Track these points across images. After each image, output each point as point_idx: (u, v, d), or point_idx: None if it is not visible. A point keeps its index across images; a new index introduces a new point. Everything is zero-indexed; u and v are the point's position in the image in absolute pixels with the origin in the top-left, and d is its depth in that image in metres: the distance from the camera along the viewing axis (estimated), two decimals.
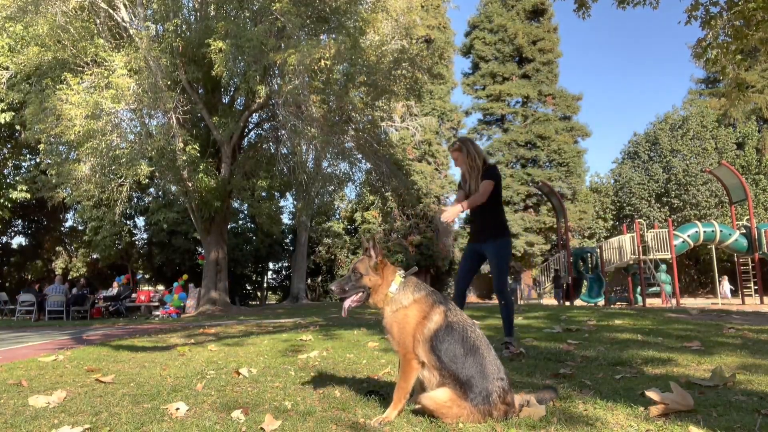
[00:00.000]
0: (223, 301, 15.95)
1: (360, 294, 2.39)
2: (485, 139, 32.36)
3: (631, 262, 18.53)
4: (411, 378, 2.24)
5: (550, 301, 22.61)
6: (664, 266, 18.05)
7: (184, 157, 13.57)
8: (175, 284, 16.95)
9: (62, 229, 27.54)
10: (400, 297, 2.34)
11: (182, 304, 15.83)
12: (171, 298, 15.97)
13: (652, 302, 17.52)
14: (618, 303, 18.42)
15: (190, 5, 15.08)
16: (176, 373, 3.49)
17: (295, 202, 23.95)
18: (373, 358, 4.00)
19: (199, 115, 15.41)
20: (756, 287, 18.17)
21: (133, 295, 17.10)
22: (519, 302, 20.75)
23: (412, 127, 21.01)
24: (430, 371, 2.21)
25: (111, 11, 13.57)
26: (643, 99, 75.23)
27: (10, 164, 21.33)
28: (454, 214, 3.75)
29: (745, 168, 29.09)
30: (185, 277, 18.33)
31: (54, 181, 14.75)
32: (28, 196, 19.84)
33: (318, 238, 29.86)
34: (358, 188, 20.35)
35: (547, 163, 30.60)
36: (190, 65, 14.09)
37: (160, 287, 16.84)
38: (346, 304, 2.39)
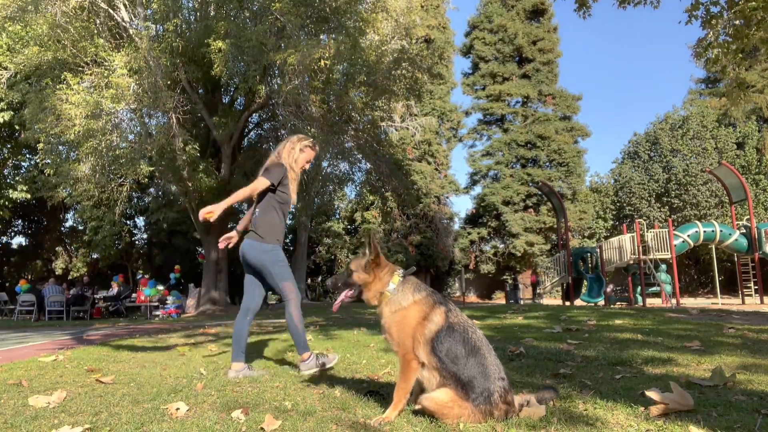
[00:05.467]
0: (224, 300, 15.96)
1: (352, 290, 2.45)
2: (485, 139, 32.35)
3: (631, 262, 18.53)
4: (411, 378, 2.24)
5: (549, 301, 22.63)
6: (664, 266, 18.04)
7: (184, 157, 13.57)
8: (173, 278, 16.93)
9: (62, 229, 27.52)
10: (399, 298, 2.33)
11: (160, 294, 15.82)
12: (149, 291, 15.95)
13: (652, 302, 17.51)
14: (618, 303, 18.42)
15: (190, 5, 15.08)
16: (176, 373, 3.49)
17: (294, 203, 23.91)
18: (373, 358, 4.00)
19: (199, 115, 15.42)
20: (756, 287, 18.17)
21: (134, 295, 17.10)
22: (520, 302, 20.78)
23: (412, 127, 21.01)
24: (430, 372, 2.21)
25: (111, 11, 13.56)
26: (643, 99, 75.09)
27: (10, 164, 21.33)
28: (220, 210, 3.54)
29: (745, 168, 29.05)
30: (178, 268, 18.32)
31: (53, 180, 14.76)
32: (28, 196, 19.83)
33: (318, 238, 29.85)
34: (358, 188, 20.35)
35: (547, 163, 30.57)
36: (190, 65, 14.09)
37: (160, 287, 16.81)
38: (338, 300, 2.48)
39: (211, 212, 3.49)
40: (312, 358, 3.45)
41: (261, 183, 3.65)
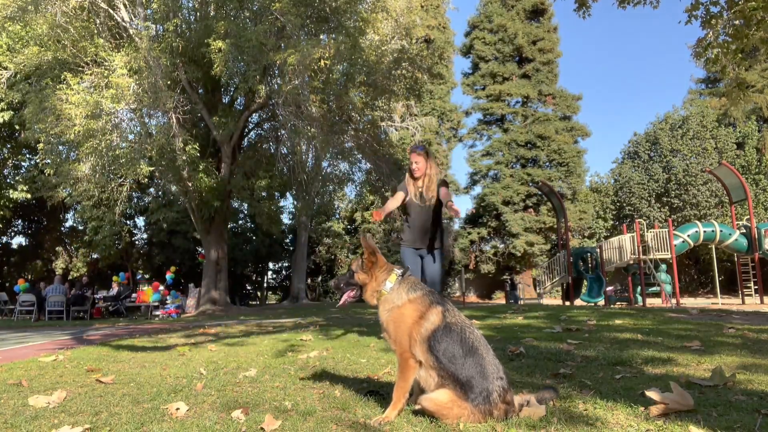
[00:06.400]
0: (224, 300, 15.96)
1: (354, 290, 2.51)
2: (485, 139, 32.34)
3: (631, 262, 18.52)
4: (409, 377, 2.24)
5: (549, 301, 22.64)
6: (664, 266, 18.04)
7: (184, 157, 13.57)
8: (168, 278, 16.83)
9: (62, 229, 27.52)
10: (394, 296, 2.36)
11: (161, 300, 15.68)
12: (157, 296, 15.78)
13: (652, 302, 17.51)
14: (618, 303, 18.42)
15: (190, 5, 15.09)
16: (176, 373, 3.49)
17: (295, 202, 23.96)
18: (373, 358, 4.00)
19: (199, 115, 15.42)
20: (756, 287, 18.17)
21: (134, 295, 17.10)
22: (520, 302, 20.79)
23: (412, 127, 21.00)
24: (428, 371, 2.21)
25: (111, 11, 13.56)
26: (643, 99, 75.14)
27: (10, 164, 21.33)
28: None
29: (745, 168, 29.03)
30: (173, 269, 18.27)
31: (53, 180, 14.77)
32: (28, 196, 19.83)
33: (318, 238, 29.85)
34: (358, 188, 20.36)
35: (547, 163, 30.55)
36: (190, 65, 14.10)
37: (160, 287, 16.80)
38: (342, 299, 2.53)
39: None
40: None
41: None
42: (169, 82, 13.41)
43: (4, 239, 25.65)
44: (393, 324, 2.32)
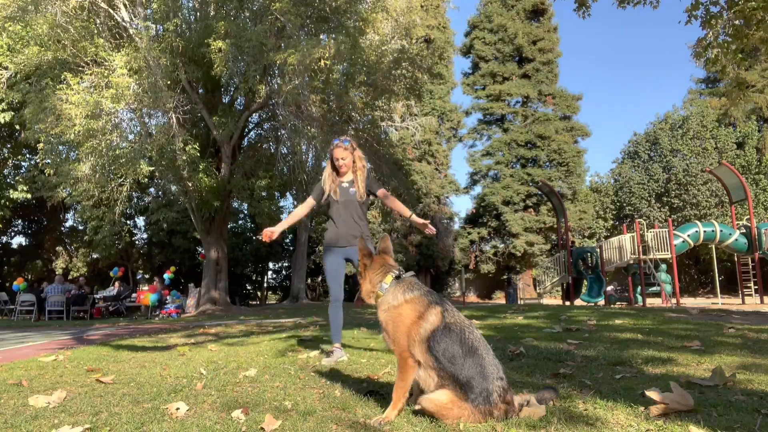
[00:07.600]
0: (224, 300, 15.96)
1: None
2: (485, 139, 32.36)
3: (631, 262, 18.52)
4: (408, 377, 2.24)
5: (549, 300, 22.63)
6: (664, 266, 18.03)
7: (184, 157, 13.57)
8: (166, 278, 16.74)
9: (62, 229, 27.54)
10: (389, 297, 2.37)
11: (157, 303, 15.50)
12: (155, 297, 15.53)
13: (652, 302, 17.51)
14: (618, 303, 18.41)
15: (190, 5, 15.10)
16: (176, 373, 3.49)
17: (295, 202, 23.96)
18: (373, 357, 4.00)
19: (199, 114, 15.42)
20: (756, 287, 18.16)
21: (134, 295, 17.09)
22: (519, 301, 20.79)
23: (412, 127, 21.02)
24: (427, 371, 2.21)
25: (111, 11, 13.57)
26: (643, 99, 75.12)
27: (10, 164, 21.33)
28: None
29: (745, 168, 29.02)
30: (173, 269, 18.22)
31: (53, 180, 14.77)
32: (28, 196, 19.83)
33: (318, 238, 29.82)
34: None
35: (547, 163, 30.55)
36: (190, 65, 14.10)
37: (158, 288, 16.77)
38: (357, 297, 2.61)
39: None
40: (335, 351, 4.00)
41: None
42: (169, 82, 13.41)
43: (4, 239, 25.66)
44: (391, 324, 2.32)
